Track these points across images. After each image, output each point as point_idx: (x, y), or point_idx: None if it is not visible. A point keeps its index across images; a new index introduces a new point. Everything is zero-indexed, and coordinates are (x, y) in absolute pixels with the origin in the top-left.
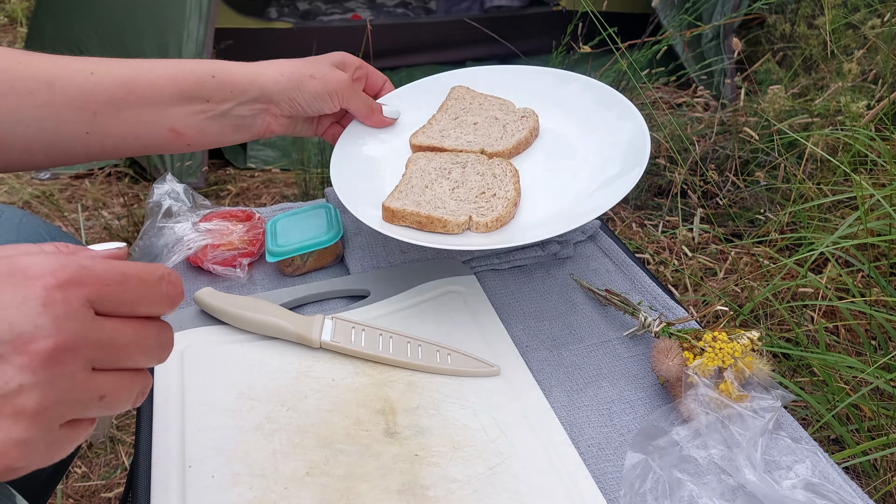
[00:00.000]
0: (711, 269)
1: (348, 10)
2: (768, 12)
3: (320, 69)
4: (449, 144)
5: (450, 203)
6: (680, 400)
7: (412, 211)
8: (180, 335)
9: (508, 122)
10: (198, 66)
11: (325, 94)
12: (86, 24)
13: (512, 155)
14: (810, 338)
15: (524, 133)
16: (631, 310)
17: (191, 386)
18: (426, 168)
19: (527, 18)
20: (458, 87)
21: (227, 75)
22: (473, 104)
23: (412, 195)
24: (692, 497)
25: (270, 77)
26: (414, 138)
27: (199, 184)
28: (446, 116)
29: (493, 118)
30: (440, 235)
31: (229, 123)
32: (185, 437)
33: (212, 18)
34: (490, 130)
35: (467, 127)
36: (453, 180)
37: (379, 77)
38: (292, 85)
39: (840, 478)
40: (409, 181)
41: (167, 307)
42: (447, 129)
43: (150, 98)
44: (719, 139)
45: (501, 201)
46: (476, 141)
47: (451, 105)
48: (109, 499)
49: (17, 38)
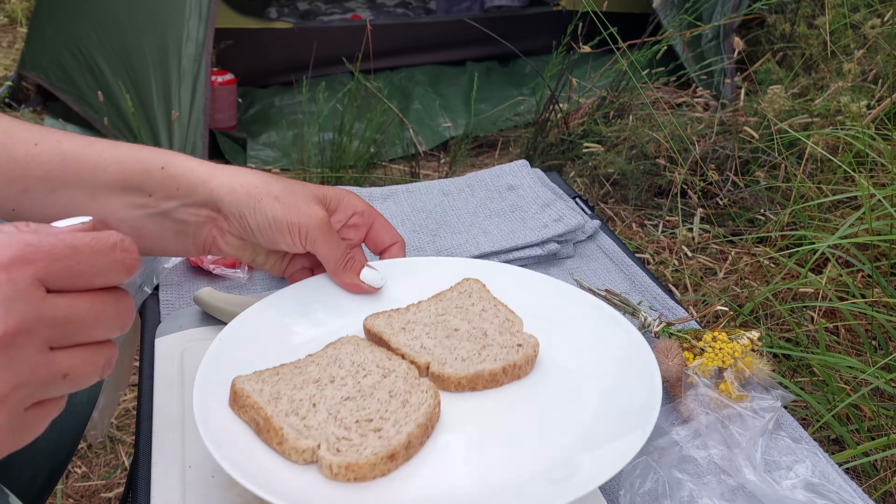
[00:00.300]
0: (711, 269)
1: (348, 10)
2: (768, 12)
3: (291, 194)
4: (397, 342)
5: (314, 416)
6: (680, 400)
7: (255, 402)
8: (180, 335)
9: (492, 344)
10: (150, 154)
11: (284, 224)
12: (86, 24)
13: (468, 387)
14: (810, 338)
15: (494, 365)
16: (631, 310)
17: (191, 387)
18: (332, 359)
19: (527, 18)
20: (471, 280)
21: (177, 169)
22: (475, 307)
23: (278, 385)
24: (692, 497)
25: (224, 183)
26: (369, 319)
27: None
28: (432, 310)
29: (482, 332)
30: (269, 466)
31: (170, 227)
32: (186, 438)
33: (212, 18)
34: (462, 345)
35: (441, 329)
36: (350, 389)
37: (388, 234)
38: (248, 200)
39: (840, 478)
40: (296, 367)
41: (123, 275)
42: (415, 324)
43: (89, 178)
44: (719, 139)
45: (376, 445)
46: (433, 351)
47: (449, 298)
48: (109, 499)
49: (17, 38)
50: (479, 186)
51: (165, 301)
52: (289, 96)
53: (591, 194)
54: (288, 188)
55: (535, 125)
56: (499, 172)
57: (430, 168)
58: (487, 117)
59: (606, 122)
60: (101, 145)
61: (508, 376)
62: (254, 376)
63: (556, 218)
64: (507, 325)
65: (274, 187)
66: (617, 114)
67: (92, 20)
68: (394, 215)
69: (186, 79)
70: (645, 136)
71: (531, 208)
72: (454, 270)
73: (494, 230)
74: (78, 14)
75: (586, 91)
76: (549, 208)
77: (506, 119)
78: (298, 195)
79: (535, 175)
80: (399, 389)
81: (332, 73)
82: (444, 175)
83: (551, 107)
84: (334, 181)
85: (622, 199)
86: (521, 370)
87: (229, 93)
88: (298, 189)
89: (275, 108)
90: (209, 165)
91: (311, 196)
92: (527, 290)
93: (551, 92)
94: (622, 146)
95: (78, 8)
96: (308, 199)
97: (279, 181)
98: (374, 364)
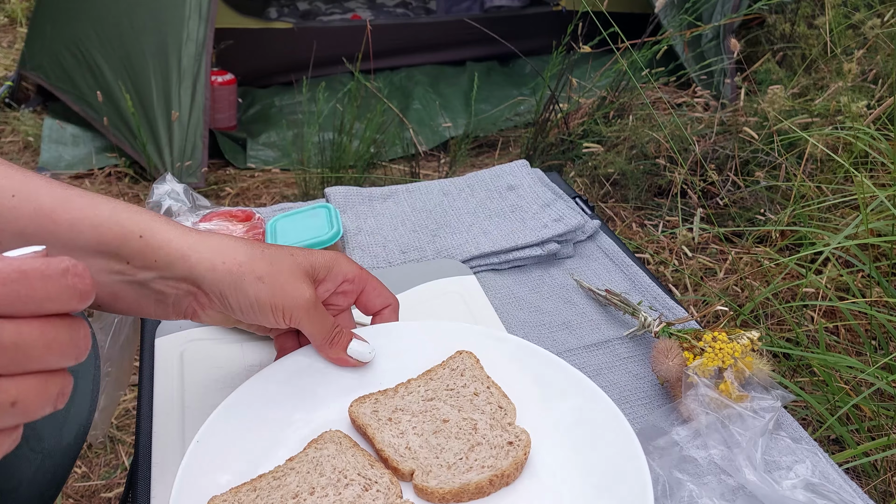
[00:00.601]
0: (711, 269)
1: (348, 10)
2: (768, 12)
3: (276, 274)
4: (381, 440)
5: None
6: (680, 400)
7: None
8: (180, 335)
9: (481, 446)
10: (131, 219)
11: (267, 306)
12: (86, 24)
13: (452, 500)
14: (810, 338)
15: (481, 476)
16: (631, 310)
17: (191, 387)
18: (314, 464)
19: (527, 18)
20: (465, 354)
21: (155, 239)
22: (466, 389)
23: (253, 503)
24: (692, 497)
25: (205, 258)
26: (355, 405)
27: (199, 184)
28: (421, 392)
29: (472, 426)
30: None
31: (149, 295)
32: (185, 437)
33: (212, 18)
34: (449, 444)
35: (430, 422)
36: (330, 502)
37: (380, 297)
38: (229, 279)
39: (840, 478)
40: (275, 478)
41: (76, 301)
42: (403, 413)
43: (65, 238)
44: (719, 139)
45: None
46: (418, 454)
47: (440, 377)
48: (109, 499)
49: (17, 38)
50: (479, 186)
51: None
52: (289, 96)
53: (591, 194)
54: (273, 266)
55: (535, 125)
56: (499, 172)
57: (430, 168)
58: (487, 117)
59: (606, 122)
60: (83, 202)
61: (496, 486)
62: (229, 496)
63: (556, 218)
64: (499, 415)
65: (258, 266)
66: (617, 114)
67: (92, 20)
68: (394, 215)
69: (186, 79)
70: (645, 136)
71: (531, 208)
72: (448, 337)
73: (494, 230)
74: (78, 14)
75: (586, 91)
76: (549, 208)
77: (506, 119)
78: (284, 273)
79: (535, 175)
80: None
81: (332, 73)
82: (444, 175)
83: (551, 107)
84: (334, 181)
85: (622, 199)
86: (509, 478)
87: (229, 93)
88: (285, 265)
89: (275, 108)
90: (192, 236)
91: (298, 271)
92: (522, 363)
93: (551, 92)
94: (622, 146)
95: (78, 8)
96: (294, 277)
97: (264, 255)
98: (356, 472)
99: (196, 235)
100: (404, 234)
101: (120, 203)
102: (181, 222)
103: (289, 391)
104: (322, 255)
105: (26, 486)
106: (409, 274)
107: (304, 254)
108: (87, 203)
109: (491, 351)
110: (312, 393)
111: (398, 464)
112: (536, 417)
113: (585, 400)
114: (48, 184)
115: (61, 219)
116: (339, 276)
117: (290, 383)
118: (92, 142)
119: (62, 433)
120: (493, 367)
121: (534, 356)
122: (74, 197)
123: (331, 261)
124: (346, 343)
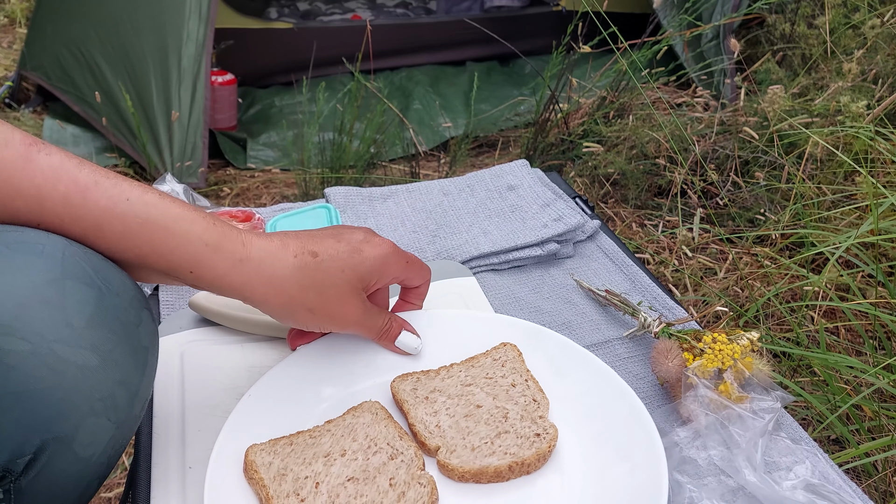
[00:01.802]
0: (711, 269)
1: (348, 11)
2: (768, 12)
3: (325, 302)
4: (415, 415)
5: (314, 499)
6: (679, 401)
7: (261, 477)
8: (179, 336)
9: (508, 434)
10: (179, 249)
11: (316, 328)
12: (86, 24)
13: (472, 479)
14: (811, 338)
15: (501, 462)
16: (631, 310)
17: (191, 387)
18: (348, 429)
19: (527, 18)
20: (509, 346)
21: (206, 275)
22: (505, 380)
23: (288, 458)
24: (692, 498)
25: (258, 294)
26: (397, 381)
27: (199, 184)
28: (461, 377)
29: (503, 414)
30: None
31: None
32: (186, 438)
33: (212, 18)
34: (478, 429)
35: (463, 406)
36: (357, 466)
37: (420, 277)
38: (282, 311)
39: (840, 478)
40: (311, 437)
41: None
42: (439, 394)
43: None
44: (719, 139)
45: None
46: (446, 434)
47: (481, 365)
48: (109, 499)
49: (17, 38)
50: (478, 186)
51: (165, 301)
52: (289, 96)
53: (591, 194)
54: (323, 295)
55: (535, 125)
56: (499, 172)
57: (430, 168)
58: (487, 117)
59: (606, 122)
60: (147, 235)
61: (515, 473)
62: (268, 446)
63: (556, 217)
64: (532, 407)
65: (309, 297)
66: (617, 114)
67: (92, 20)
68: (394, 215)
69: (186, 79)
70: (645, 136)
71: (531, 208)
72: (495, 328)
73: (494, 230)
74: (78, 14)
75: (586, 91)
76: (548, 208)
77: (506, 119)
78: (334, 300)
79: (534, 175)
80: (400, 479)
81: (332, 74)
82: (444, 175)
83: (551, 107)
84: (334, 181)
85: (622, 199)
86: (530, 467)
87: (229, 93)
88: (335, 289)
89: (275, 109)
90: (245, 269)
91: (348, 291)
92: (562, 360)
93: (551, 92)
94: (622, 146)
95: (78, 8)
96: (344, 301)
97: (314, 283)
98: (386, 441)
99: (252, 267)
100: (404, 234)
101: (163, 222)
102: None
103: (340, 363)
104: (373, 262)
105: (100, 454)
106: None
107: (355, 264)
108: (150, 237)
109: (534, 345)
110: (366, 364)
111: (426, 439)
112: (569, 414)
113: (620, 405)
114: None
115: (104, 244)
116: (387, 278)
117: (344, 356)
118: (92, 142)
119: (133, 405)
120: (534, 362)
121: (576, 354)
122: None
123: (381, 266)
124: (394, 336)
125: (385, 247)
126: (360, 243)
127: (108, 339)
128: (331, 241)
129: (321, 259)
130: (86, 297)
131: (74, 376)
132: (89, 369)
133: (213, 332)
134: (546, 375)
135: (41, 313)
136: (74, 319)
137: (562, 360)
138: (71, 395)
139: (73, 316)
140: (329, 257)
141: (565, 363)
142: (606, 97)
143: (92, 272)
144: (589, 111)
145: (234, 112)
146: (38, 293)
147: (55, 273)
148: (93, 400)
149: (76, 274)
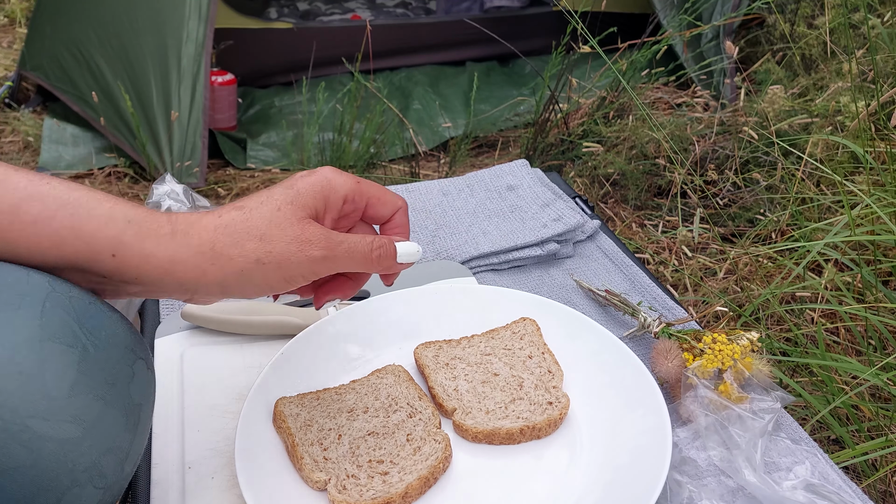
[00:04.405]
0: (711, 270)
1: (348, 11)
2: (768, 12)
3: (275, 243)
4: (434, 379)
5: (336, 448)
6: (679, 401)
7: (288, 426)
8: (180, 336)
9: (522, 401)
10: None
11: (281, 282)
12: (85, 25)
13: (485, 440)
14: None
15: (514, 424)
16: (631, 310)
17: (190, 387)
18: (372, 388)
19: (527, 18)
20: (528, 321)
21: (131, 257)
22: (522, 352)
23: (314, 411)
24: (692, 499)
25: (190, 268)
26: (420, 348)
27: (199, 184)
28: (480, 347)
29: (519, 383)
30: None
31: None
32: (185, 438)
33: (211, 18)
34: (493, 394)
35: (481, 373)
36: (378, 422)
37: (387, 204)
38: (226, 278)
39: (839, 478)
40: (337, 393)
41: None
42: (459, 361)
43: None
44: (719, 139)
45: (376, 489)
46: (463, 397)
47: (501, 337)
48: None
49: (17, 38)
50: (478, 186)
51: (165, 302)
52: (289, 96)
53: (591, 194)
54: (263, 239)
55: (535, 125)
56: (498, 172)
57: (430, 168)
58: (487, 117)
59: (606, 122)
60: (66, 216)
61: (526, 436)
62: (296, 399)
63: (556, 217)
64: (546, 378)
65: (248, 248)
66: (617, 114)
67: (92, 20)
68: None
69: (186, 79)
70: (645, 136)
71: (531, 208)
72: (517, 304)
73: (494, 230)
74: (78, 14)
75: (586, 91)
76: (548, 208)
77: (506, 119)
78: (277, 240)
79: (534, 175)
80: (416, 435)
81: (332, 74)
82: (444, 175)
83: (551, 107)
84: None
85: (622, 199)
86: (541, 432)
87: (229, 93)
88: (275, 228)
89: (275, 109)
90: (173, 242)
91: (294, 221)
92: (579, 339)
93: (551, 92)
94: (622, 146)
95: (78, 8)
96: (291, 231)
97: (248, 231)
98: (406, 401)
99: (177, 240)
100: None
101: (85, 202)
102: None
103: (368, 327)
104: (310, 187)
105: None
106: (409, 276)
107: (290, 198)
108: (42, 210)
109: (552, 320)
110: (391, 331)
111: (444, 401)
112: (582, 385)
113: (633, 379)
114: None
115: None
116: (337, 201)
117: (372, 322)
118: (92, 142)
119: (122, 468)
120: (551, 336)
121: (591, 331)
122: (28, 202)
123: (321, 189)
124: (392, 254)
125: (322, 170)
126: (295, 179)
127: (92, 406)
128: (263, 191)
129: (249, 208)
130: (68, 362)
131: (53, 452)
132: (71, 442)
133: (213, 333)
134: (559, 342)
135: (15, 386)
136: (54, 390)
137: (571, 329)
138: (49, 472)
139: (52, 386)
140: (258, 203)
141: (574, 331)
142: (606, 97)
143: (76, 326)
144: (589, 111)
145: (233, 112)
146: (12, 362)
147: (33, 332)
148: (76, 472)
149: (57, 333)
